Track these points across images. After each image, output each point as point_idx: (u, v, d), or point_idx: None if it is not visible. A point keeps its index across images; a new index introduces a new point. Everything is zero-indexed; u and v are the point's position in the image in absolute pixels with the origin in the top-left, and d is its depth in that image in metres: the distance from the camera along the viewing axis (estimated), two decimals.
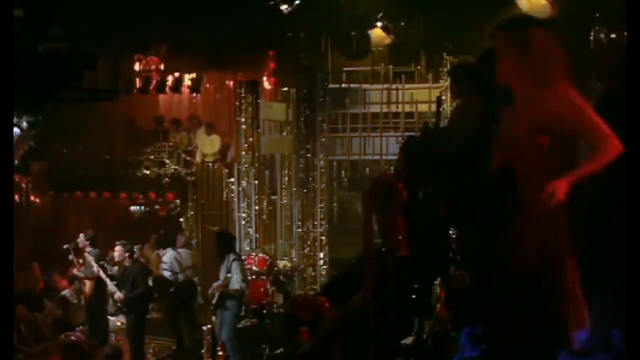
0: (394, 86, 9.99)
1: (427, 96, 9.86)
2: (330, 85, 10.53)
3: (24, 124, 9.73)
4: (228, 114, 14.17)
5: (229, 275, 9.17)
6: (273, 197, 12.65)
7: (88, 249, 10.40)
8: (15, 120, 9.81)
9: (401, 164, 5.19)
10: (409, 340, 5.13)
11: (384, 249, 4.45)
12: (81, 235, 10.67)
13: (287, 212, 12.85)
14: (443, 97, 9.88)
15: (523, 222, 3.66)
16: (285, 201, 12.83)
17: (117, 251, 10.23)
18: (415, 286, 5.24)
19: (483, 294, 5.18)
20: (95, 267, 10.28)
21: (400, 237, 4.41)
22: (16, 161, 10.78)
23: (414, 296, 5.32)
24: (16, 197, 13.62)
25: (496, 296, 4.69)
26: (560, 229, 3.56)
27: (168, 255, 11.25)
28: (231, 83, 14.55)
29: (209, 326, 9.35)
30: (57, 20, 9.57)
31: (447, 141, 5.37)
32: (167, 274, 11.12)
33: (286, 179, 12.79)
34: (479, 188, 4.78)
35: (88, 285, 10.45)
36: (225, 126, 13.42)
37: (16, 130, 9.86)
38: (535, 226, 3.62)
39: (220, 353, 9.19)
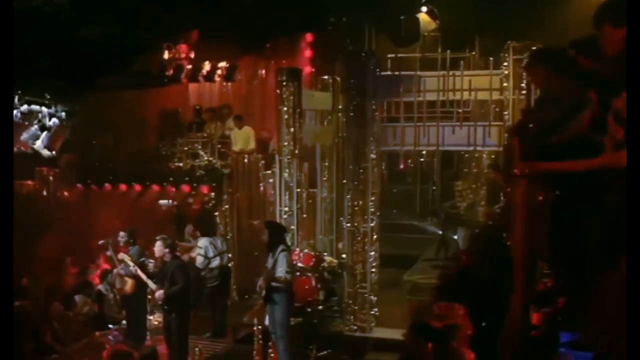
0: (451, 73, 9.44)
1: (487, 83, 9.34)
2: (383, 73, 9.98)
3: (62, 114, 9.25)
4: (264, 102, 13.72)
5: (274, 270, 8.70)
6: (312, 190, 12.19)
7: (130, 248, 9.95)
8: (52, 110, 9.38)
9: (516, 152, 4.70)
10: None
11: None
12: (121, 233, 10.22)
13: (328, 206, 12.40)
14: (505, 84, 9.40)
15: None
16: (326, 194, 12.37)
17: (157, 246, 9.74)
18: None
19: (574, 294, 4.71)
20: (132, 266, 9.88)
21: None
22: (54, 152, 10.33)
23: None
24: (44, 190, 13.20)
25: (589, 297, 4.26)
26: None
27: (203, 241, 10.84)
28: (263, 72, 14.12)
29: (260, 327, 8.87)
30: (91, 8, 9.14)
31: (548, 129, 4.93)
32: (200, 259, 10.68)
33: (326, 171, 12.35)
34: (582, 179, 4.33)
35: (129, 283, 9.98)
36: (265, 116, 12.92)
37: (55, 120, 9.40)
38: None
39: (272, 355, 8.74)
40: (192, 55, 13.80)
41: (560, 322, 4.74)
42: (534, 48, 5.52)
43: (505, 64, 9.20)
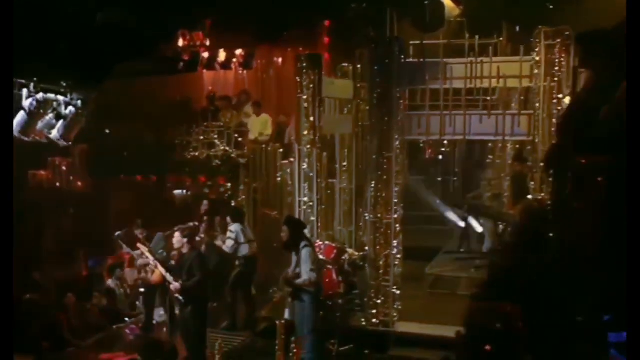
0: (479, 59, 9.09)
1: (516, 70, 9.00)
2: (407, 60, 9.65)
3: (79, 103, 8.99)
4: (280, 91, 13.44)
5: (298, 268, 8.46)
6: (331, 181, 11.93)
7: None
8: (68, 98, 9.13)
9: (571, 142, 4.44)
10: None
11: None
12: (137, 231, 10.00)
13: (347, 197, 12.14)
14: (536, 72, 9.06)
15: None
16: (345, 185, 12.11)
17: (176, 237, 9.52)
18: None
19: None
20: (152, 260, 9.69)
21: None
22: (70, 142, 10.09)
23: None
24: (56, 181, 13.00)
25: None
26: None
27: (235, 226, 10.61)
28: (280, 59, 13.83)
29: (283, 321, 8.61)
30: None
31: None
32: (230, 242, 10.44)
33: (345, 161, 12.10)
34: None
35: (157, 273, 9.76)
36: (282, 105, 12.63)
37: (71, 109, 9.14)
38: None
39: (295, 350, 8.48)
40: (208, 42, 13.53)
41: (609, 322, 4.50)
42: (585, 31, 5.17)
43: (537, 49, 8.85)
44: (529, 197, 9.23)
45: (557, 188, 4.71)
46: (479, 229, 11.85)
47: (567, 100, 8.46)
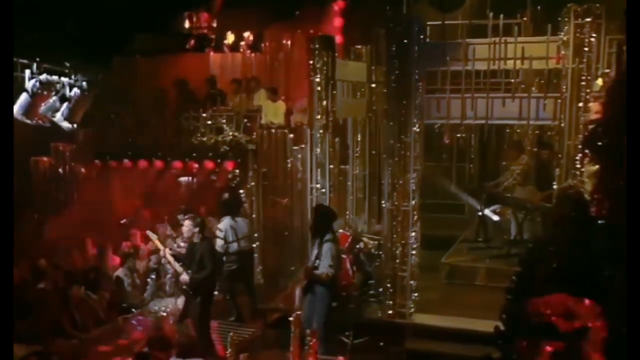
0: (502, 39, 8.64)
1: (543, 51, 8.55)
2: (428, 40, 9.21)
3: (84, 84, 8.60)
4: (288, 74, 13.00)
5: (317, 261, 8.11)
6: (344, 167, 11.55)
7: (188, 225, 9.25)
8: (72, 80, 8.74)
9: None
10: None
11: None
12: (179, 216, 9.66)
13: (360, 183, 11.78)
14: (563, 52, 8.63)
15: None
16: (357, 171, 11.74)
17: (186, 226, 9.17)
18: None
19: None
20: (162, 250, 9.35)
21: None
22: (75, 126, 9.69)
23: None
24: (59, 167, 12.59)
25: None
26: None
27: (224, 223, 10.18)
28: (289, 42, 13.37)
29: (298, 313, 8.26)
30: None
31: None
32: (219, 242, 10.04)
33: (358, 147, 11.72)
34: None
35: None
36: (291, 88, 12.19)
37: (76, 90, 8.75)
38: None
39: (312, 343, 8.12)
40: (215, 24, 13.11)
41: None
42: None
43: (566, 28, 8.38)
44: (554, 184, 8.84)
45: (606, 171, 4.31)
46: (495, 217, 11.47)
47: (600, 81, 8.04)
